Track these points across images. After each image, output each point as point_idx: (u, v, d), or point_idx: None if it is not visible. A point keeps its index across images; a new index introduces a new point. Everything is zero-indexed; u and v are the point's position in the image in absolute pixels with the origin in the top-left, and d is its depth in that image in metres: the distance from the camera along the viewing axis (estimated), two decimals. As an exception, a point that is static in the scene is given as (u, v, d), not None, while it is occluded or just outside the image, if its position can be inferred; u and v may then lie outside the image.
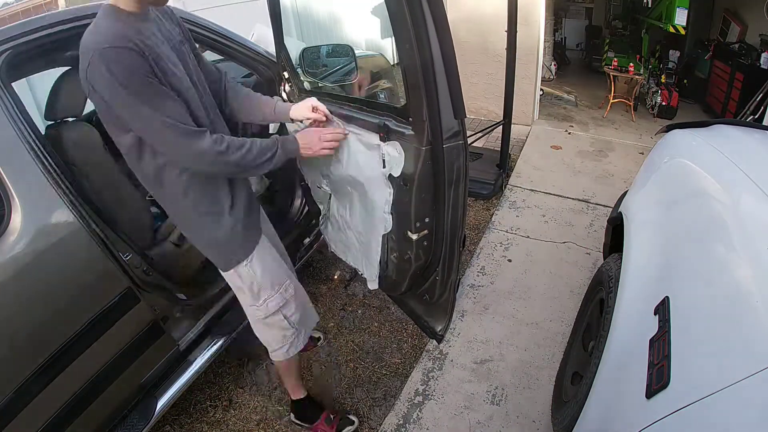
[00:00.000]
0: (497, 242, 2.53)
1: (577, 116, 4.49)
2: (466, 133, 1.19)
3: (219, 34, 1.67)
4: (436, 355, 1.85)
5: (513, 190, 3.08)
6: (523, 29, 3.26)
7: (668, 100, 4.43)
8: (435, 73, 1.07)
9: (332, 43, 4.76)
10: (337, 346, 1.99)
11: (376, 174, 1.38)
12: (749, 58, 4.03)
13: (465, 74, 4.04)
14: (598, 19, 6.53)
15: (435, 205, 1.31)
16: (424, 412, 1.64)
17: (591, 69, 5.88)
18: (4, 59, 1.18)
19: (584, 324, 1.59)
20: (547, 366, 1.77)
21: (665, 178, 1.43)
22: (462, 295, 2.14)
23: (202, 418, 1.73)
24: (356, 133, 1.42)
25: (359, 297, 2.25)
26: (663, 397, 0.76)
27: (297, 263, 2.03)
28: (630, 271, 1.19)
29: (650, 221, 1.30)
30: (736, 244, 0.94)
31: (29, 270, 1.13)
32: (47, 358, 1.16)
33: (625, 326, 1.07)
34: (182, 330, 1.59)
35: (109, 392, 1.33)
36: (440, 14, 1.03)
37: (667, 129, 1.64)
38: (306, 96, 1.74)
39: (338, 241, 1.93)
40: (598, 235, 2.44)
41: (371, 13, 5.53)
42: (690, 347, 0.81)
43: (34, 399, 1.14)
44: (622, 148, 3.74)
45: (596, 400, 1.05)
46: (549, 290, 2.16)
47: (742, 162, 1.12)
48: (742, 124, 1.63)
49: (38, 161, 1.16)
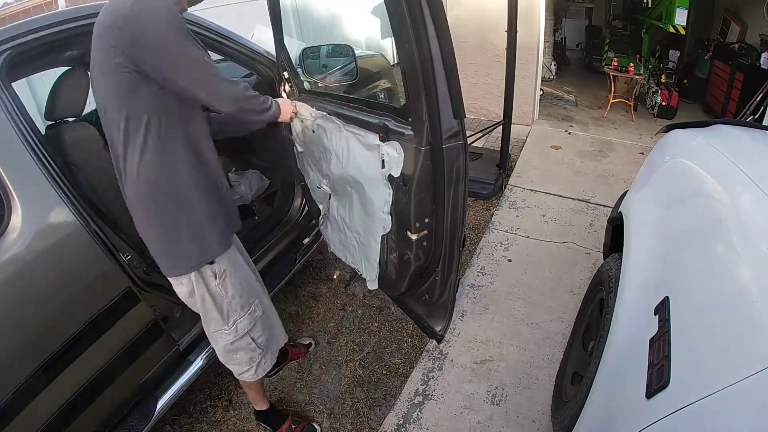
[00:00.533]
0: (497, 242, 2.53)
1: (577, 116, 4.49)
2: (465, 133, 1.19)
3: (219, 34, 1.67)
4: (436, 355, 1.85)
5: (513, 190, 3.08)
6: (523, 29, 3.25)
7: (668, 100, 4.43)
8: (434, 74, 1.07)
9: (332, 43, 4.76)
10: (337, 346, 1.99)
11: (376, 174, 1.38)
12: (749, 58, 4.03)
13: (465, 74, 4.06)
14: (598, 19, 6.53)
15: (434, 205, 1.31)
16: (424, 412, 1.64)
17: (591, 69, 5.88)
18: (4, 59, 1.19)
19: (584, 324, 1.59)
20: (547, 366, 1.77)
21: (665, 178, 1.43)
22: (462, 295, 2.14)
23: (202, 418, 1.73)
24: (356, 133, 1.42)
25: (359, 297, 2.25)
26: (663, 397, 0.76)
27: (297, 263, 2.04)
28: (630, 271, 1.19)
29: (650, 221, 1.30)
30: (736, 244, 0.94)
31: (29, 270, 1.13)
32: (47, 357, 1.16)
33: (625, 326, 1.07)
34: (182, 330, 1.59)
35: (109, 392, 1.33)
36: (440, 14, 1.03)
37: (667, 129, 1.63)
38: (306, 96, 1.75)
39: (338, 242, 1.94)
40: (598, 235, 2.44)
41: (371, 13, 5.53)
42: (690, 347, 0.80)
43: (34, 399, 1.14)
44: (622, 148, 3.74)
45: (596, 400, 1.05)
46: (549, 290, 2.16)
47: (742, 162, 1.12)
48: (742, 124, 1.62)
49: (38, 161, 1.16)
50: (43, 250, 1.15)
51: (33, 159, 1.16)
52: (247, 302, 1.30)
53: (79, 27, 1.31)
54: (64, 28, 1.29)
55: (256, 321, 1.33)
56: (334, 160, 1.62)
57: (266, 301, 1.42)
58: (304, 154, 1.87)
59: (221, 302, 1.25)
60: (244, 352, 1.35)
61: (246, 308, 1.30)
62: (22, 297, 1.13)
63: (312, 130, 1.67)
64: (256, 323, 1.33)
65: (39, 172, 1.16)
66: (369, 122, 1.35)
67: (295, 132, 1.83)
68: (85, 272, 1.25)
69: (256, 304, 1.33)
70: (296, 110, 1.49)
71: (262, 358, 1.39)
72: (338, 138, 1.52)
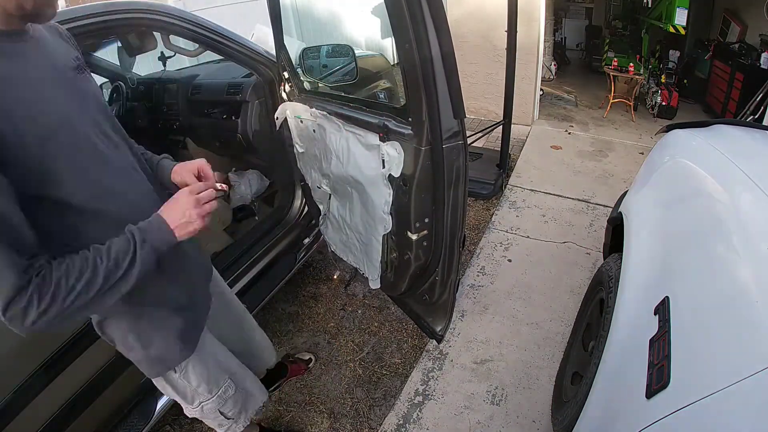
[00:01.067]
0: (497, 242, 2.53)
1: (577, 116, 4.49)
2: (465, 133, 1.19)
3: (219, 34, 1.67)
4: (436, 355, 1.85)
5: (513, 190, 3.08)
6: (523, 29, 3.26)
7: (668, 100, 4.43)
8: (434, 73, 1.07)
9: (332, 43, 4.76)
10: (337, 346, 1.99)
11: (376, 174, 1.38)
12: (749, 58, 4.02)
13: (465, 74, 4.06)
14: (598, 19, 6.52)
15: (434, 205, 1.30)
16: (424, 412, 1.64)
17: (591, 69, 5.88)
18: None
19: (584, 324, 1.59)
20: (547, 366, 1.77)
21: (665, 178, 1.43)
22: (462, 295, 2.14)
23: (202, 418, 1.73)
24: (356, 133, 1.42)
25: (359, 297, 2.25)
26: (663, 397, 0.76)
27: (297, 263, 2.04)
28: (630, 271, 1.19)
29: (650, 221, 1.30)
30: (736, 244, 0.94)
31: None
32: (47, 357, 1.16)
33: (625, 326, 1.07)
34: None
35: (109, 392, 1.33)
36: (440, 14, 1.03)
37: (667, 129, 1.63)
38: (306, 96, 1.75)
39: (338, 241, 1.94)
40: (598, 235, 2.44)
41: (371, 13, 5.53)
42: (690, 347, 0.81)
43: (34, 399, 1.14)
44: (622, 148, 3.74)
45: (596, 400, 1.05)
46: (549, 290, 2.16)
47: (742, 162, 1.12)
48: (742, 124, 1.62)
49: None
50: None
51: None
52: (216, 385, 1.14)
53: (78, 27, 1.30)
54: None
55: (226, 399, 1.18)
56: (334, 160, 1.62)
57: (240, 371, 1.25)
58: (304, 154, 1.87)
59: (184, 390, 1.09)
60: (212, 420, 1.22)
61: (215, 391, 1.14)
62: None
63: (312, 130, 1.68)
64: (226, 401, 1.19)
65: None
66: (369, 122, 1.35)
67: (295, 132, 1.83)
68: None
69: (228, 384, 1.17)
70: (211, 203, 0.87)
71: (234, 423, 1.26)
72: (338, 138, 1.52)
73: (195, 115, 2.34)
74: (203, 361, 1.08)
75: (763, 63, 3.84)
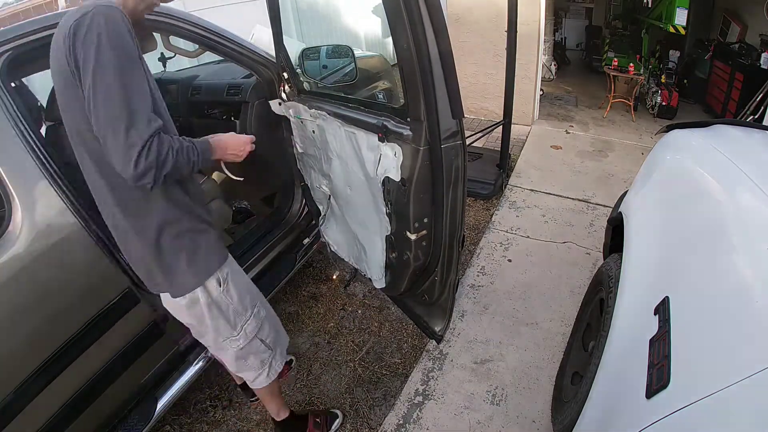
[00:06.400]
0: (497, 242, 2.53)
1: (577, 116, 4.49)
2: (464, 134, 1.19)
3: (218, 34, 1.67)
4: (436, 355, 1.85)
5: (513, 190, 3.08)
6: (523, 29, 3.26)
7: (668, 100, 4.43)
8: (432, 73, 1.07)
9: (332, 43, 4.76)
10: (336, 346, 1.99)
11: (375, 174, 1.38)
12: (749, 58, 4.03)
13: (465, 74, 4.07)
14: (598, 19, 6.53)
15: (434, 205, 1.30)
16: (424, 412, 1.64)
17: (591, 69, 5.88)
18: (4, 59, 1.19)
19: (584, 324, 1.59)
20: (547, 366, 1.77)
21: (665, 178, 1.43)
22: (462, 295, 2.14)
23: (202, 418, 1.73)
24: (355, 133, 1.42)
25: (359, 297, 2.25)
26: (663, 397, 0.76)
27: (297, 263, 2.04)
28: (630, 271, 1.19)
29: (650, 221, 1.30)
30: (736, 244, 0.94)
31: (29, 270, 1.13)
32: (47, 357, 1.16)
33: (625, 326, 1.07)
34: (182, 330, 1.59)
35: (109, 392, 1.33)
36: (438, 14, 1.03)
37: (667, 129, 1.63)
38: (305, 96, 1.75)
39: (339, 242, 1.94)
40: (598, 235, 2.44)
41: (371, 13, 5.53)
42: (690, 347, 0.80)
43: (34, 399, 1.14)
44: (622, 148, 3.74)
45: (596, 400, 1.05)
46: (549, 290, 2.15)
47: (742, 162, 1.12)
48: (742, 124, 1.62)
49: (38, 161, 1.16)
50: (43, 251, 1.15)
51: (33, 159, 1.16)
52: (251, 304, 1.27)
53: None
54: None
55: (261, 321, 1.31)
56: (334, 161, 1.62)
57: (266, 302, 1.41)
58: (303, 155, 1.87)
59: (227, 309, 1.21)
60: (254, 355, 1.31)
61: (250, 310, 1.27)
62: (23, 297, 1.13)
63: (312, 130, 1.68)
64: (262, 324, 1.31)
65: (39, 172, 1.16)
66: (368, 122, 1.35)
67: (295, 132, 1.84)
68: (85, 272, 1.25)
69: (259, 306, 1.31)
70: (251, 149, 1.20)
71: (273, 359, 1.36)
72: (338, 138, 1.52)
73: (195, 116, 2.34)
74: (237, 272, 1.24)
75: (763, 63, 3.84)
